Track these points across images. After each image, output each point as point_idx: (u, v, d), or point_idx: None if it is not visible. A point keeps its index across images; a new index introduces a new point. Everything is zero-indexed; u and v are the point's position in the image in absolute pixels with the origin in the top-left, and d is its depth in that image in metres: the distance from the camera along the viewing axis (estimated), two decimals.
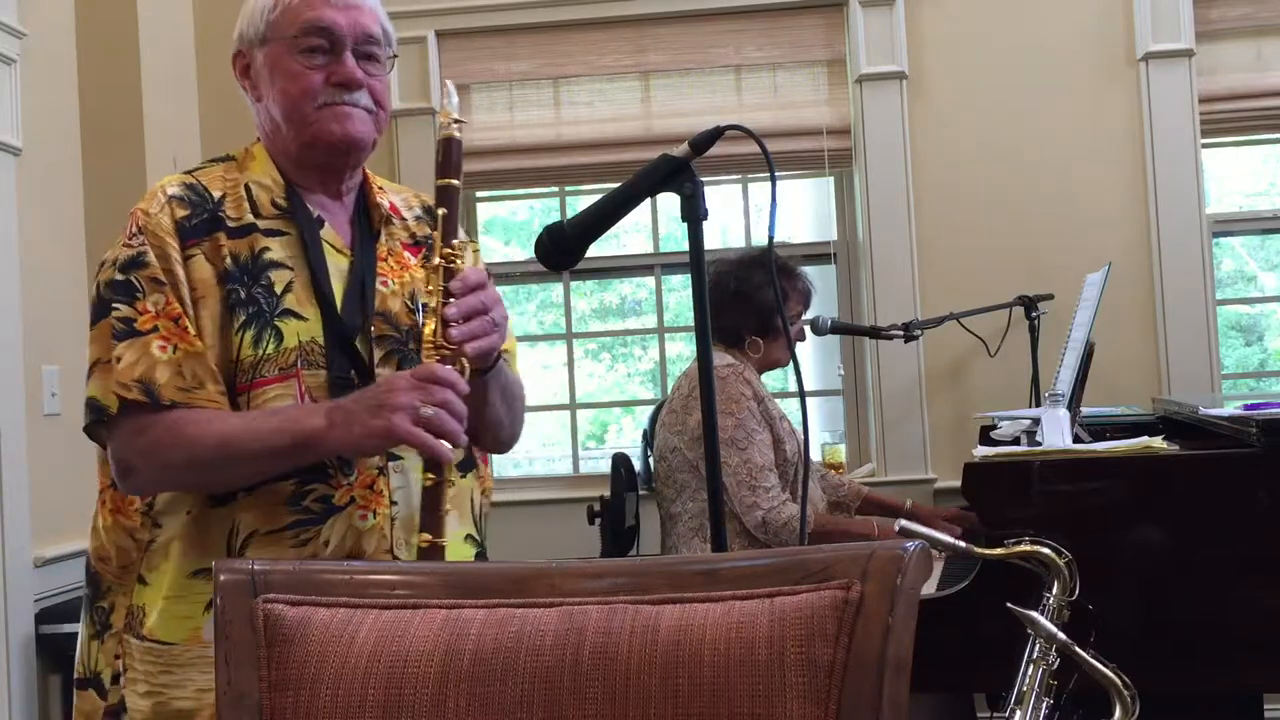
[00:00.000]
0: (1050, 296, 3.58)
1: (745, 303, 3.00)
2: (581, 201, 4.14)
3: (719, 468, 1.58)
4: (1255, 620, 2.19)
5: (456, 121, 1.61)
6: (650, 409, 3.70)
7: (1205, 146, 3.84)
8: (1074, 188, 3.82)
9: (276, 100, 1.62)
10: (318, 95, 1.60)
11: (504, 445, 1.79)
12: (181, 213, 1.56)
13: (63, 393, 3.46)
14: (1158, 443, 2.33)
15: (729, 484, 2.86)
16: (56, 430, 3.43)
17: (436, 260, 1.55)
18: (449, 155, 1.59)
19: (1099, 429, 2.92)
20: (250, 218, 1.59)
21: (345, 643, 1.13)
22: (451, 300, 1.53)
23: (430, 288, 1.56)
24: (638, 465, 3.53)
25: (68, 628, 3.33)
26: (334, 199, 1.67)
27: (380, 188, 1.73)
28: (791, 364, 1.68)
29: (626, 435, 4.40)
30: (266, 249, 1.58)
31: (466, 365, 1.53)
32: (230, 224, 1.58)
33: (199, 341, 1.53)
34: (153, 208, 1.57)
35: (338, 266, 1.62)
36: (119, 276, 1.54)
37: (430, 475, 1.50)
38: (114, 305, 1.53)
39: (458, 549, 1.66)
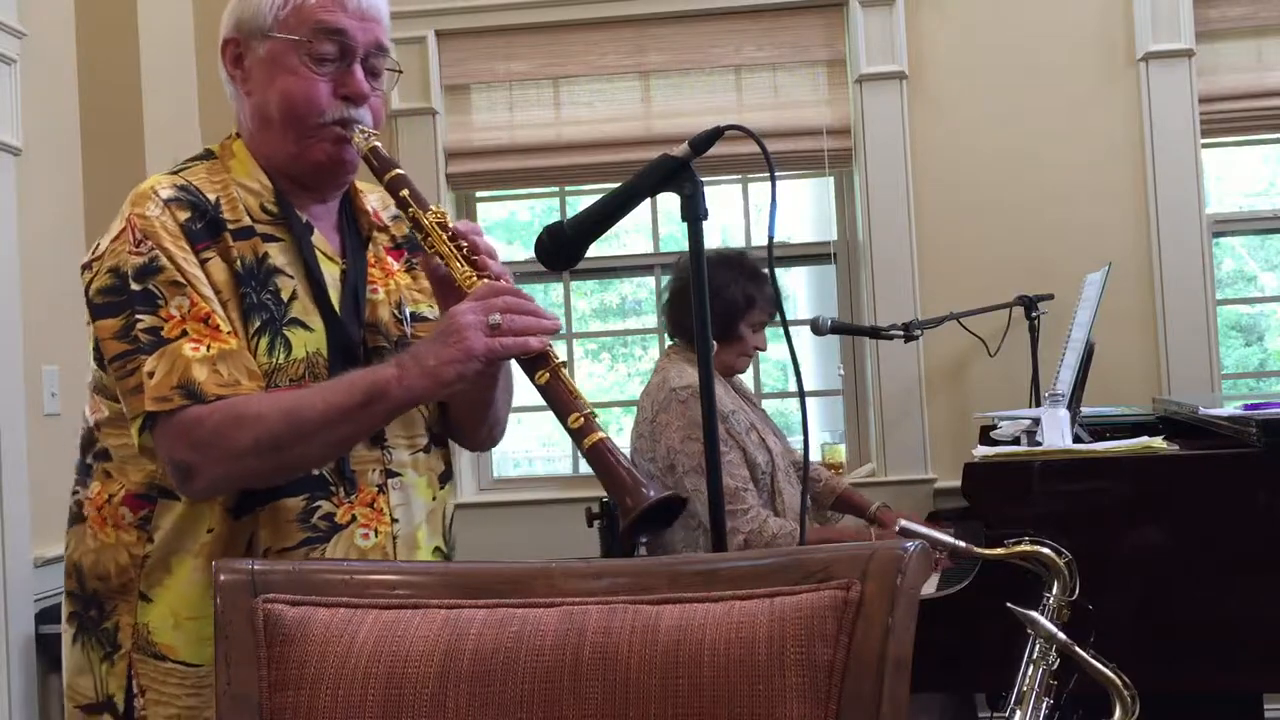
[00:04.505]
0: (1050, 296, 3.57)
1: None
2: (581, 201, 4.14)
3: (719, 470, 1.58)
4: (1255, 620, 2.19)
5: (364, 133, 1.57)
6: None
7: (1205, 146, 3.83)
8: (1074, 188, 3.82)
9: (275, 100, 1.56)
10: (323, 109, 1.55)
11: (495, 442, 1.80)
12: (183, 215, 1.50)
13: (63, 393, 3.46)
14: (1158, 443, 2.33)
15: (700, 511, 2.79)
16: (56, 430, 3.43)
17: (429, 219, 1.52)
18: (380, 158, 1.56)
19: (1099, 429, 2.92)
20: (247, 220, 1.54)
21: (345, 643, 1.13)
22: (466, 244, 1.52)
23: (430, 241, 1.52)
24: None
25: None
26: (319, 203, 1.63)
27: (360, 191, 1.69)
28: (792, 365, 1.67)
29: (626, 435, 4.38)
30: (268, 254, 1.54)
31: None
32: (231, 226, 1.53)
33: (232, 339, 1.47)
34: (150, 211, 1.49)
35: (330, 275, 1.58)
36: (135, 286, 1.46)
37: (541, 373, 1.44)
38: (136, 317, 1.46)
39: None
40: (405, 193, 1.54)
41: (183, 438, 1.44)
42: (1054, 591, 1.53)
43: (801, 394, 1.65)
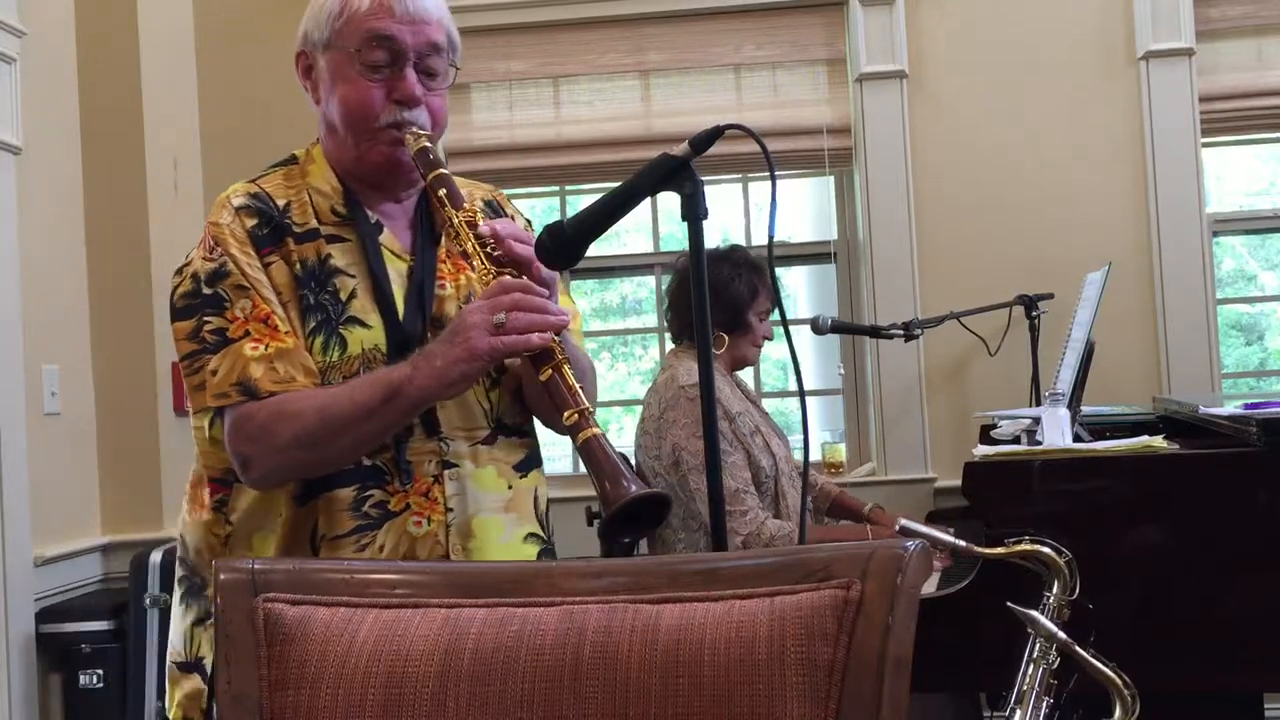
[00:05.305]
0: (1050, 296, 3.57)
1: (712, 297, 2.95)
2: (581, 201, 4.14)
3: (719, 469, 1.58)
4: (1255, 620, 2.19)
5: (415, 135, 1.65)
6: None
7: (1205, 146, 3.83)
8: (1074, 188, 3.82)
9: (336, 108, 1.66)
10: (379, 113, 1.63)
11: None
12: (251, 222, 1.61)
13: (63, 392, 3.47)
14: (1158, 442, 2.33)
15: (702, 511, 2.80)
16: (56, 430, 3.43)
17: (459, 218, 1.60)
18: (426, 157, 1.65)
19: (1099, 428, 2.92)
20: (314, 223, 1.63)
21: (345, 642, 1.13)
22: (486, 236, 1.59)
23: (460, 239, 1.60)
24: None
25: (68, 627, 3.34)
26: (394, 203, 1.71)
27: None
28: (792, 364, 1.67)
29: (627, 435, 4.38)
30: (330, 255, 1.62)
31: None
32: (296, 229, 1.62)
33: (289, 338, 1.57)
34: (223, 219, 1.61)
35: (397, 272, 1.65)
36: (206, 290, 1.58)
37: (544, 369, 1.51)
38: (205, 319, 1.57)
39: (518, 549, 1.67)
40: (443, 192, 1.62)
41: (239, 431, 1.56)
42: (1054, 591, 1.54)
43: (801, 393, 1.65)
